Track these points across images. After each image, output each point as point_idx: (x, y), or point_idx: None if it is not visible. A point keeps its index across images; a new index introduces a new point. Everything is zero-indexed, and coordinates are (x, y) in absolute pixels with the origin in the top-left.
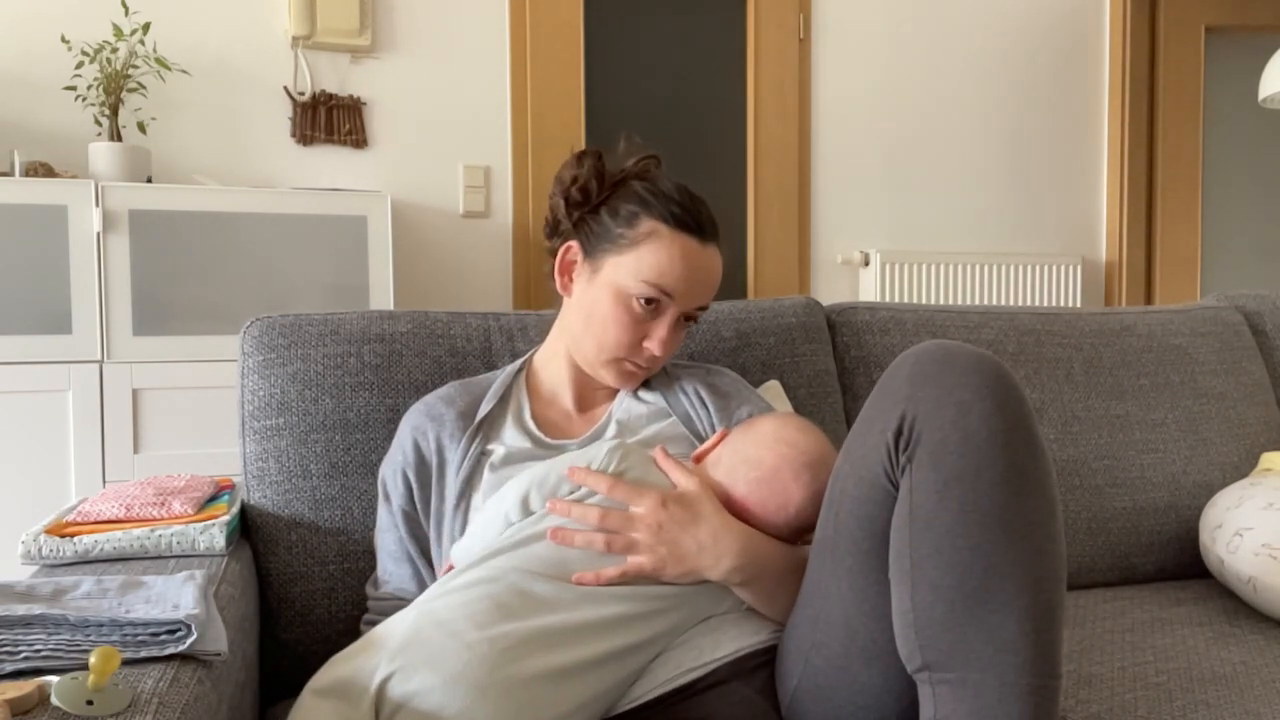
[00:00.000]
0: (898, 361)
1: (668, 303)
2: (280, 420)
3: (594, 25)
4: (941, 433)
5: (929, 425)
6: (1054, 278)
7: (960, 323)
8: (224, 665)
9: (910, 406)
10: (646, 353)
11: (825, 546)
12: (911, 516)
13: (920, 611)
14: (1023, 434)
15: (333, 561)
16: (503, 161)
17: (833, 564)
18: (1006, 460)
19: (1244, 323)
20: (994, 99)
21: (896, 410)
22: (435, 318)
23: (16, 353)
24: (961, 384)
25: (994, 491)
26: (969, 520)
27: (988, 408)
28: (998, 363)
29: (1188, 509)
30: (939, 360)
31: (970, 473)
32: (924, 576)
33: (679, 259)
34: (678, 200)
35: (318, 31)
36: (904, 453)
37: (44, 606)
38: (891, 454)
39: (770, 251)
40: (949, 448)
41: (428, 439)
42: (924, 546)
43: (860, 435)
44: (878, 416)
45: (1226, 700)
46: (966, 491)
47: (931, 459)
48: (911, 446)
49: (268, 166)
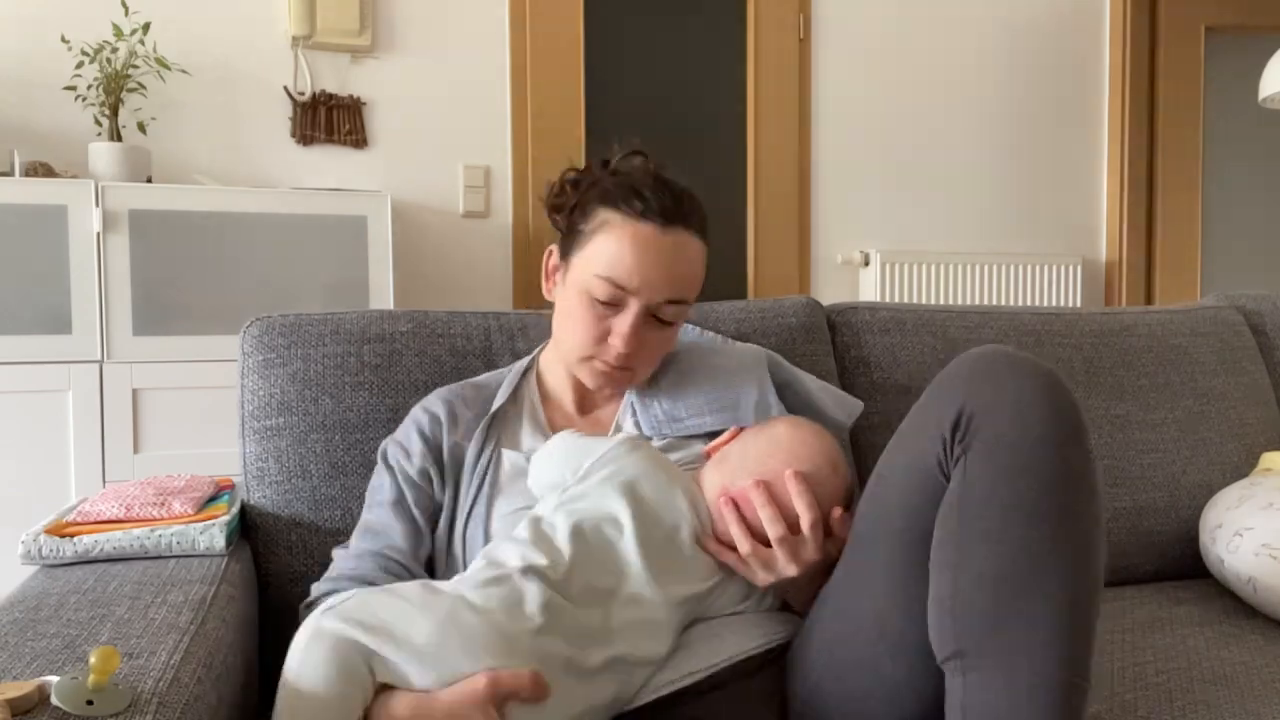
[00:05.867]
0: (958, 360)
1: (624, 296)
2: (280, 420)
3: (594, 25)
4: (999, 428)
5: (987, 420)
6: (1054, 278)
7: (960, 323)
8: (224, 665)
9: (969, 401)
10: (612, 350)
11: (863, 539)
12: (961, 505)
13: (960, 598)
14: (1077, 440)
15: (332, 561)
16: (503, 161)
17: (870, 555)
18: (1060, 461)
19: (1244, 323)
20: (994, 99)
21: (954, 404)
22: (435, 317)
23: (16, 353)
24: (1021, 385)
25: (1045, 489)
26: (1019, 513)
27: (1046, 411)
28: (1057, 372)
29: (1188, 509)
30: (1001, 361)
31: (1024, 468)
32: (968, 564)
33: (629, 248)
34: (636, 188)
35: (318, 31)
36: (959, 444)
37: None
38: (947, 444)
39: (770, 251)
40: (1005, 442)
41: (441, 423)
42: (971, 534)
43: (914, 426)
44: (934, 408)
45: (1226, 700)
46: (1019, 485)
47: (987, 451)
48: (968, 439)
49: (268, 166)
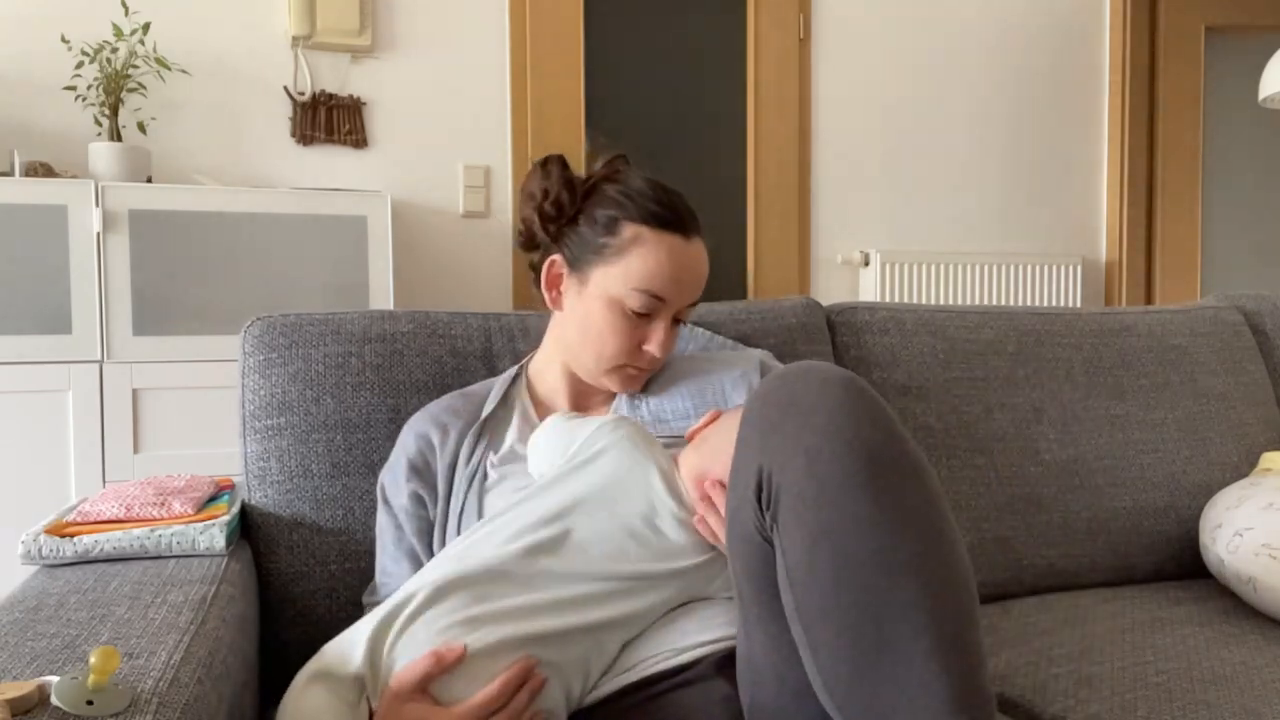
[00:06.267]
0: (749, 403)
1: (659, 306)
2: (282, 420)
3: (594, 25)
4: (797, 485)
5: (784, 479)
6: (1054, 278)
7: (960, 323)
8: (224, 665)
9: (764, 459)
10: (647, 356)
11: (736, 596)
12: (790, 581)
13: (825, 674)
14: (882, 462)
15: (334, 561)
16: (503, 161)
17: (743, 613)
18: (870, 499)
19: (1244, 323)
20: (994, 99)
21: (754, 465)
22: (436, 318)
23: (16, 353)
24: (807, 426)
25: (863, 537)
26: (845, 573)
27: (836, 449)
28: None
29: (1188, 509)
30: (783, 403)
31: (834, 523)
32: (818, 639)
33: (667, 261)
34: (654, 198)
35: (318, 31)
36: (768, 511)
37: None
38: (758, 513)
39: (770, 251)
40: (807, 501)
41: (431, 443)
42: (810, 609)
43: (733, 491)
44: (741, 471)
45: (1226, 700)
46: (835, 543)
47: (794, 516)
48: (774, 505)
49: (268, 166)
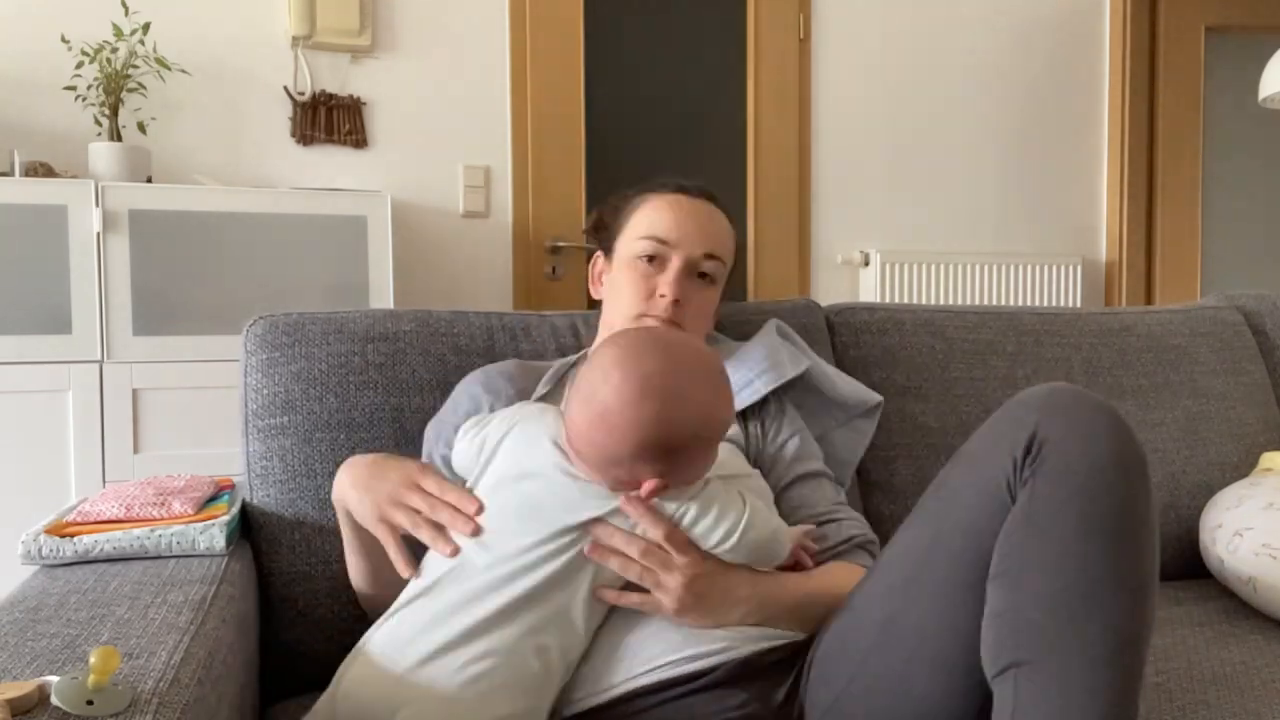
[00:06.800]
0: (1028, 392)
1: (667, 250)
2: (284, 419)
3: (594, 25)
4: (1069, 456)
5: (1057, 448)
6: (1054, 278)
7: (960, 323)
8: (224, 665)
9: (1041, 429)
10: (661, 302)
11: (917, 555)
12: (1027, 521)
13: (1020, 612)
14: (1140, 478)
15: (336, 561)
16: (503, 161)
17: (921, 571)
18: (1125, 491)
19: (1244, 323)
20: (994, 99)
21: (1027, 430)
22: (438, 317)
23: (16, 353)
24: (1092, 420)
25: (1110, 514)
26: (1083, 532)
27: (1114, 445)
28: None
29: (1188, 509)
30: (1073, 396)
31: (1090, 493)
32: (1031, 579)
33: (666, 209)
34: (663, 179)
35: (318, 31)
36: (1030, 466)
37: None
38: (1018, 466)
39: (770, 251)
40: (1074, 468)
41: (481, 407)
42: (1034, 551)
43: (983, 448)
44: (1006, 433)
45: (1226, 700)
46: (1085, 507)
47: (1056, 475)
48: (1038, 462)
49: (267, 166)
